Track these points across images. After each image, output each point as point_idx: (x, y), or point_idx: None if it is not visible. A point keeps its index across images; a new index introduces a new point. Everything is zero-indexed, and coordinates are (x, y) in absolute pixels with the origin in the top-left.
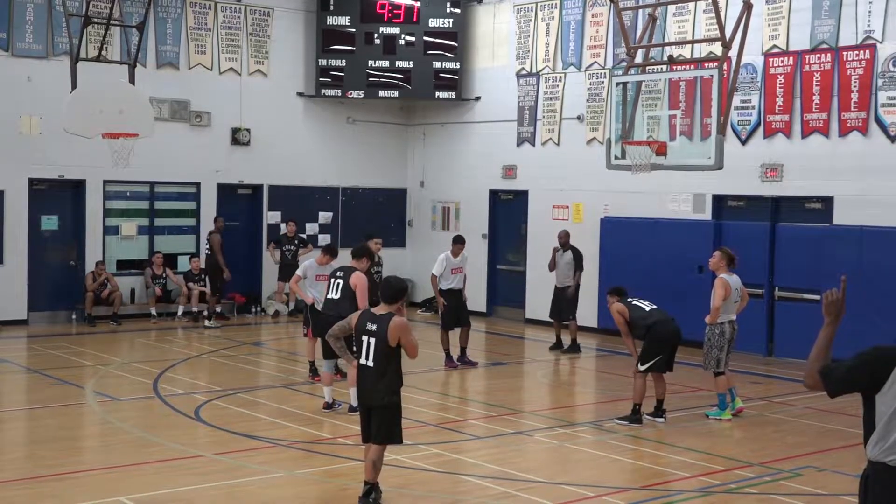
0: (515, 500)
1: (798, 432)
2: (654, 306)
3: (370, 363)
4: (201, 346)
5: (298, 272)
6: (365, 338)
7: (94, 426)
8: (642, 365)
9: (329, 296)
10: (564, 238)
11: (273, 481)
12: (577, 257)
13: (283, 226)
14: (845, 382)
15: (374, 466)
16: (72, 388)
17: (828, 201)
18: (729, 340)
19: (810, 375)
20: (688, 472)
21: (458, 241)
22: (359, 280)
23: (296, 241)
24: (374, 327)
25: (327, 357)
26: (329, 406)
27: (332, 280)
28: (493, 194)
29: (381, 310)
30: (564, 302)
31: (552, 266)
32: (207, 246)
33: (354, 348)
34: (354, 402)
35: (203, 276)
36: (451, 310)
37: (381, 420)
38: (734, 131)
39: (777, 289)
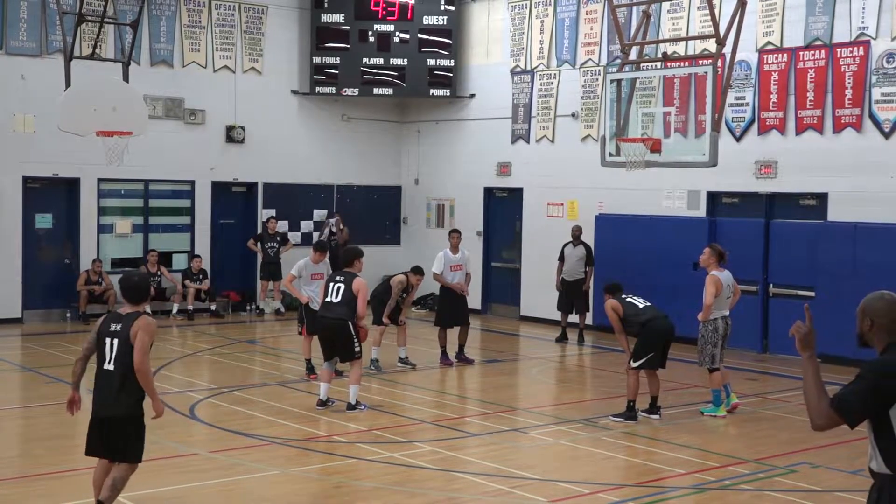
0: (510, 496)
1: (793, 429)
2: (648, 303)
3: (111, 367)
4: (196, 344)
5: (293, 272)
6: (108, 339)
7: (87, 425)
8: (635, 362)
9: (327, 298)
10: (577, 232)
11: (268, 479)
12: (589, 252)
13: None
14: (864, 410)
15: (113, 486)
16: (66, 387)
17: (822, 198)
18: (723, 336)
19: (821, 415)
20: (683, 468)
21: (454, 233)
22: (361, 286)
23: (277, 239)
24: (117, 328)
25: (325, 359)
26: (323, 404)
27: (332, 283)
28: (488, 192)
29: (128, 309)
30: (577, 296)
31: (561, 258)
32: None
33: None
34: (353, 400)
35: (202, 276)
36: (448, 308)
37: (121, 434)
38: (728, 128)
39: (771, 285)
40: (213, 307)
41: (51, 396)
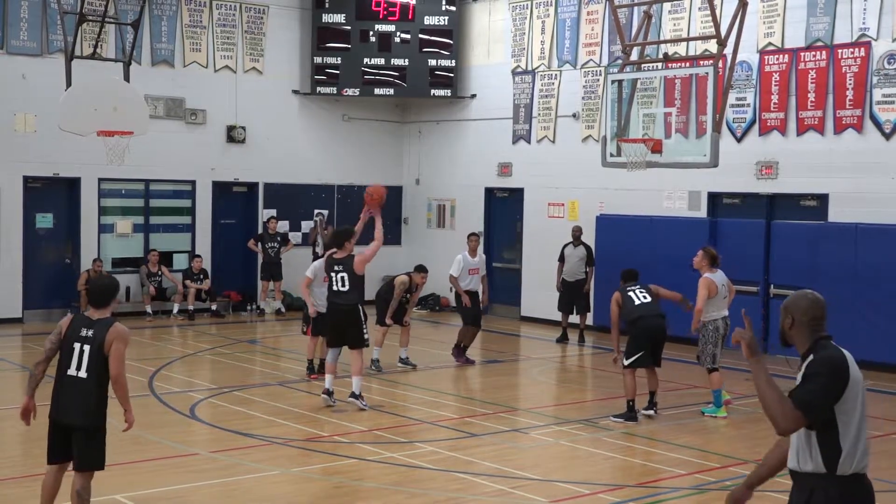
0: (511, 497)
1: None
2: (648, 300)
3: (83, 374)
4: (197, 343)
5: (309, 274)
6: (77, 345)
7: None
8: (626, 360)
9: (335, 288)
10: (577, 232)
11: (269, 479)
12: (590, 253)
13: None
14: (825, 406)
15: (80, 498)
16: None
17: (823, 199)
18: (722, 336)
19: (787, 417)
20: (683, 469)
21: (473, 236)
22: (359, 257)
23: (278, 239)
24: (89, 333)
25: (332, 346)
26: (329, 393)
27: (334, 274)
28: (489, 192)
29: (96, 314)
30: (577, 296)
31: (561, 259)
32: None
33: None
34: (357, 390)
35: (202, 276)
36: (468, 309)
37: (86, 442)
38: (729, 129)
39: (772, 286)
40: (213, 307)
41: (51, 396)
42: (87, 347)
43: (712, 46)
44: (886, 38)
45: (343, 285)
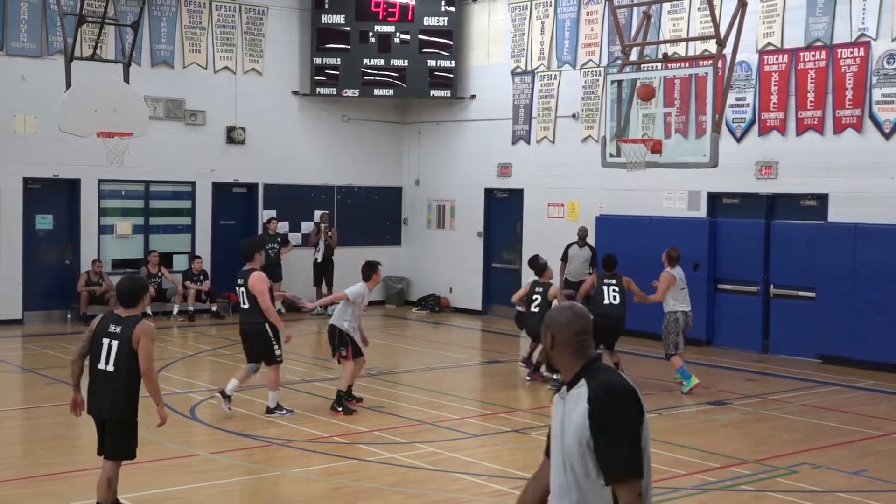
0: (511, 497)
1: (793, 429)
2: (615, 302)
3: (110, 368)
4: (197, 344)
5: (350, 295)
6: (106, 341)
7: (89, 425)
8: None
9: (241, 306)
10: (583, 233)
11: (269, 480)
12: (595, 254)
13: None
14: (639, 452)
15: (109, 485)
16: (67, 388)
17: (823, 198)
18: (683, 328)
19: (628, 494)
20: (683, 469)
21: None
22: (255, 281)
23: (278, 240)
24: (118, 329)
25: (250, 361)
26: (226, 396)
27: (238, 288)
28: (489, 192)
29: (125, 312)
30: (581, 297)
31: (564, 258)
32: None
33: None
34: (272, 404)
35: (202, 277)
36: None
37: (118, 433)
38: (729, 129)
39: (772, 286)
40: (213, 308)
41: (51, 397)
42: (115, 343)
43: (712, 46)
44: (886, 37)
45: (244, 302)
